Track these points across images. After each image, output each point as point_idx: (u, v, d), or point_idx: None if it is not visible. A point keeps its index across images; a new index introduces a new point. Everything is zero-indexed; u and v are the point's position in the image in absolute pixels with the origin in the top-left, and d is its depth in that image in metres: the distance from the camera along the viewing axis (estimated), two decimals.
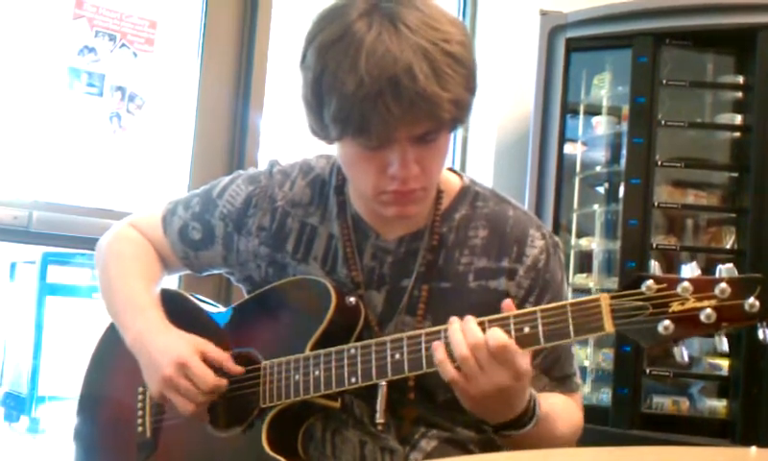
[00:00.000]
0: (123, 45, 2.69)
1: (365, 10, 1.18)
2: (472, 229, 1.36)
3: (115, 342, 1.42)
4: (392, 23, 1.16)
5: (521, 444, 1.22)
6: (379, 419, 1.24)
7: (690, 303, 1.06)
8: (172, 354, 1.30)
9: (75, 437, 1.53)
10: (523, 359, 1.14)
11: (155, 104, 2.77)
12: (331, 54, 1.17)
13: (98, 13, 2.64)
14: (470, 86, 1.21)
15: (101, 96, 2.66)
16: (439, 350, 1.16)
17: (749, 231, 2.75)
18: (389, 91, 1.14)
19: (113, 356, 1.48)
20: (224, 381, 1.31)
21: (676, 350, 1.08)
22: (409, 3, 1.19)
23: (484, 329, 1.15)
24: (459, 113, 1.20)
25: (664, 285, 1.07)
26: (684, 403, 2.82)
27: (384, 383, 1.23)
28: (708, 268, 1.07)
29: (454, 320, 1.17)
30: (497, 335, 1.13)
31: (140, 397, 1.44)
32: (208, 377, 1.30)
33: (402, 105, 1.14)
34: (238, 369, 1.33)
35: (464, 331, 1.15)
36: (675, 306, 1.06)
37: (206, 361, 1.32)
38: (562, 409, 1.34)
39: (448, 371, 1.15)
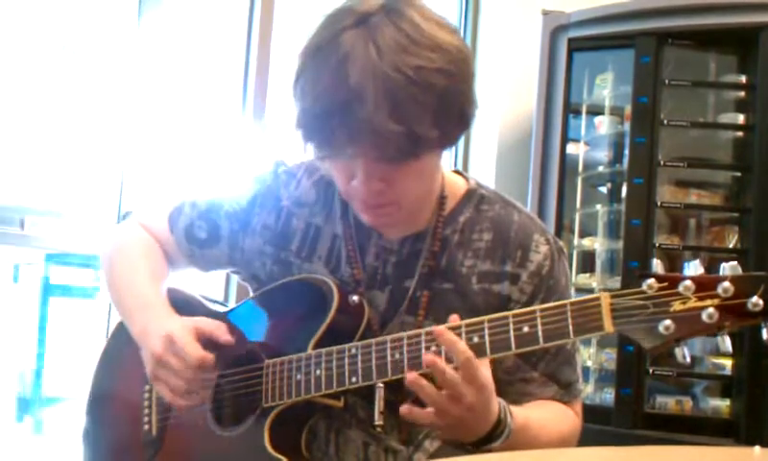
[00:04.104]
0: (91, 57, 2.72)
1: (355, 21, 1.16)
2: (477, 232, 1.35)
3: (124, 340, 1.43)
4: (365, 43, 1.13)
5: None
6: (377, 421, 1.23)
7: (692, 303, 1.04)
8: (161, 332, 1.30)
9: (84, 435, 1.53)
10: (485, 371, 1.14)
11: None
12: (308, 62, 1.18)
13: (73, 27, 2.66)
14: (443, 118, 1.16)
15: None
16: (420, 413, 1.16)
17: (752, 231, 2.74)
18: (338, 114, 1.12)
19: (122, 355, 1.48)
20: (210, 356, 1.29)
21: (677, 350, 1.06)
22: (398, 19, 1.15)
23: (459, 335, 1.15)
24: (414, 147, 1.15)
25: (666, 284, 1.05)
26: (688, 403, 2.82)
27: (381, 385, 1.22)
28: (711, 268, 1.06)
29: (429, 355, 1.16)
30: (466, 352, 1.13)
31: (147, 395, 1.44)
32: (193, 350, 1.28)
33: (347, 131, 1.13)
34: (230, 339, 1.32)
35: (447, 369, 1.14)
36: (676, 306, 1.04)
37: (202, 336, 1.31)
38: (547, 418, 1.31)
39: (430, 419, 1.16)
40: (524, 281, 1.32)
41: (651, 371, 2.76)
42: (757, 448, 1.08)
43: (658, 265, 1.08)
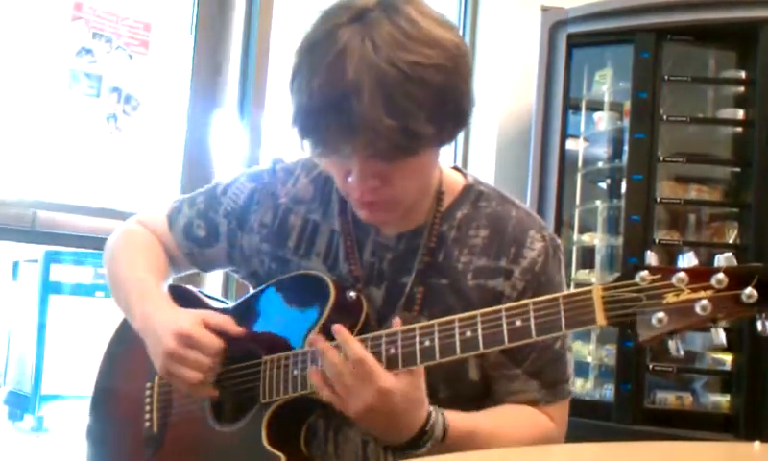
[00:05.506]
0: (119, 47, 2.70)
1: (352, 17, 1.16)
2: (473, 228, 1.35)
3: (127, 337, 1.43)
4: (361, 38, 1.13)
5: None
6: None
7: (685, 295, 1.02)
8: (172, 327, 1.30)
9: (87, 432, 1.54)
10: (385, 377, 1.15)
11: (149, 105, 2.79)
12: (304, 59, 1.18)
13: (96, 16, 2.65)
14: (439, 115, 1.15)
15: (98, 97, 2.67)
16: (314, 375, 1.21)
17: (751, 226, 2.75)
18: (333, 111, 1.12)
19: (125, 352, 1.49)
20: (224, 345, 1.31)
21: (671, 343, 1.04)
22: (395, 15, 1.15)
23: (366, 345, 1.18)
24: (409, 144, 1.14)
25: (659, 276, 1.04)
26: (688, 398, 2.82)
27: None
28: (709, 263, 1.04)
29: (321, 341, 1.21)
30: (357, 352, 1.16)
31: (148, 392, 1.45)
32: (213, 342, 1.29)
33: (342, 127, 1.12)
34: (239, 330, 1.34)
35: (330, 352, 1.18)
36: (670, 298, 1.03)
37: (209, 328, 1.32)
38: (506, 424, 1.30)
39: (324, 393, 1.20)
40: (516, 277, 1.31)
41: (651, 366, 2.76)
42: (757, 444, 1.08)
43: (652, 257, 1.06)
